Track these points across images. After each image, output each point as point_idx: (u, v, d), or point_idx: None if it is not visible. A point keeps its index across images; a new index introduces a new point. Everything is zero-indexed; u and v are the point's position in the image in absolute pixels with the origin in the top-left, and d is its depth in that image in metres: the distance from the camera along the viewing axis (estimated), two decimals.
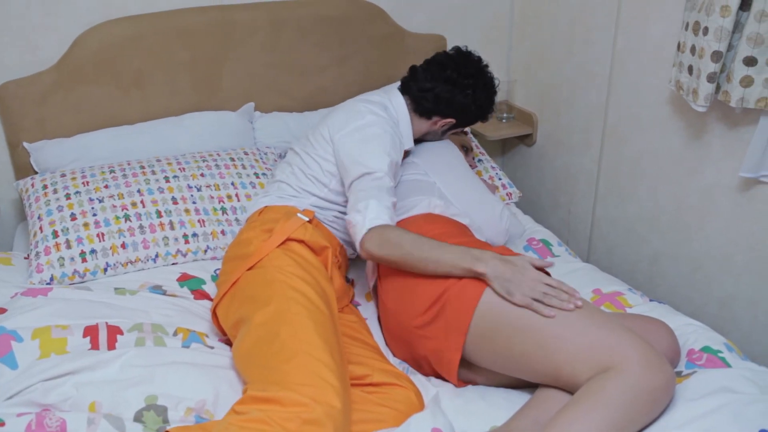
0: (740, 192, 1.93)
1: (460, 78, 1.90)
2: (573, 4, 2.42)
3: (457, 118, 1.95)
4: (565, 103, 2.56)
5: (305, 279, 1.55)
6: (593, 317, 1.41)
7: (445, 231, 1.69)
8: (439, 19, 2.61)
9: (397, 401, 1.46)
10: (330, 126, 1.82)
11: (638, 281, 2.35)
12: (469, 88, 1.91)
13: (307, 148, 1.85)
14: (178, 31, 2.18)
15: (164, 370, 1.44)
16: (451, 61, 1.93)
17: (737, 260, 1.99)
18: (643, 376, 1.29)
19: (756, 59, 1.67)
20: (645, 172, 2.25)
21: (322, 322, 1.46)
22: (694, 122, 2.01)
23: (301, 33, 2.33)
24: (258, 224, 1.72)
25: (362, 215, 1.59)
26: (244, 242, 1.70)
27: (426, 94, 1.90)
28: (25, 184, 2.00)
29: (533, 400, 1.44)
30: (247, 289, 1.56)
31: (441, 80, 1.89)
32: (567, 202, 2.65)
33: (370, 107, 1.82)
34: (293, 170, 1.84)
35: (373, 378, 1.50)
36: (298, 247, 1.65)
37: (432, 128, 1.97)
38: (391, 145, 1.75)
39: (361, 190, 1.65)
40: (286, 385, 1.30)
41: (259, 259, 1.60)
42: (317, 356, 1.36)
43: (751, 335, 2.00)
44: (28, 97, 2.07)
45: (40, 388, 1.34)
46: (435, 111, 1.92)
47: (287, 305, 1.47)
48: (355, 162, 1.71)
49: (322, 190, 1.80)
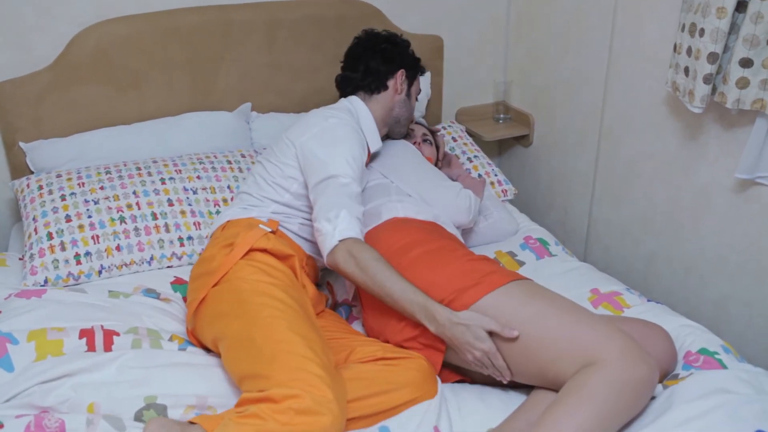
0: (736, 193, 1.94)
1: (375, 45, 1.97)
2: (569, 6, 2.42)
3: (404, 65, 1.97)
4: (561, 104, 2.56)
5: (272, 283, 1.55)
6: (573, 315, 1.42)
7: (414, 239, 1.68)
8: (436, 19, 2.61)
9: (411, 369, 1.47)
10: (292, 133, 1.82)
11: (634, 282, 2.35)
12: (384, 43, 1.98)
13: (270, 156, 1.84)
14: (174, 31, 2.18)
15: (162, 371, 1.44)
16: (357, 45, 2.02)
17: (732, 261, 2.00)
18: (625, 368, 1.30)
19: (752, 60, 1.67)
20: (641, 173, 2.25)
21: (295, 319, 1.46)
22: (690, 123, 2.02)
23: (297, 33, 2.33)
24: (221, 240, 1.69)
25: (332, 225, 1.59)
26: (207, 259, 1.66)
27: (365, 74, 1.94)
28: (21, 184, 1.99)
29: (527, 402, 1.46)
30: (216, 305, 1.54)
31: (363, 58, 1.96)
32: (563, 203, 2.65)
33: (332, 112, 1.84)
34: (255, 179, 1.83)
35: (384, 354, 1.51)
36: (261, 256, 1.62)
37: (396, 97, 1.97)
38: (358, 145, 1.76)
39: (329, 195, 1.65)
40: (277, 383, 1.31)
41: (224, 273, 1.58)
42: (298, 352, 1.36)
43: (746, 336, 2.00)
44: (24, 96, 2.07)
45: (38, 391, 1.34)
46: (383, 76, 1.94)
47: (257, 311, 1.46)
48: (321, 162, 1.70)
49: (283, 196, 1.78)
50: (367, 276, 1.53)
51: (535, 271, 1.94)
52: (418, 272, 1.57)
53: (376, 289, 1.53)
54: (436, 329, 1.47)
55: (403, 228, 1.74)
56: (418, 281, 1.53)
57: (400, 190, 1.90)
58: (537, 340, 1.40)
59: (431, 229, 1.76)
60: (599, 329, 1.38)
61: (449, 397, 1.51)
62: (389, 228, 1.75)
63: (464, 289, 1.49)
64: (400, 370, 1.47)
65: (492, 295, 1.47)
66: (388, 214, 1.80)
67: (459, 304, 1.48)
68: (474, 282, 1.50)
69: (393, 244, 1.67)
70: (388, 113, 1.97)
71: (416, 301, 1.48)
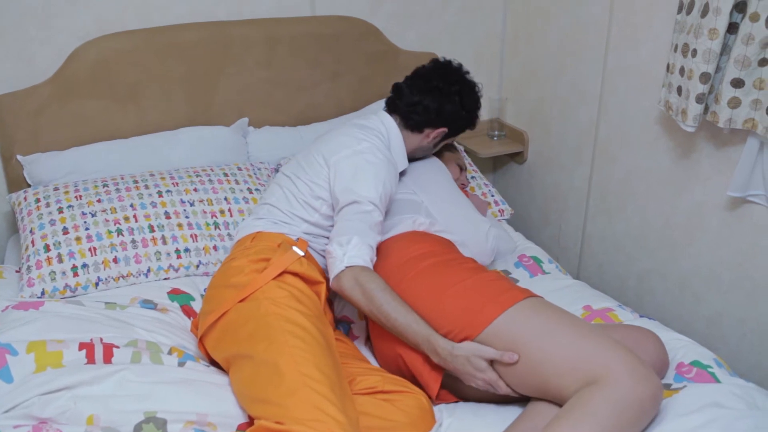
0: (728, 211, 1.96)
1: (446, 86, 1.91)
2: (564, 24, 2.46)
3: (448, 126, 1.95)
4: (555, 122, 2.58)
5: (300, 311, 1.53)
6: (580, 331, 1.43)
7: (431, 250, 1.71)
8: (432, 37, 2.64)
9: (410, 407, 1.47)
10: (325, 151, 1.81)
11: (627, 298, 2.36)
12: (455, 95, 1.92)
13: (299, 172, 1.83)
14: (173, 47, 2.19)
15: (162, 386, 1.43)
16: (433, 72, 1.94)
17: (725, 278, 2.02)
18: (631, 387, 1.30)
19: (743, 81, 1.70)
20: (634, 191, 2.27)
21: (321, 354, 1.44)
22: (683, 142, 2.04)
23: (295, 50, 2.35)
24: (252, 253, 1.68)
25: (343, 250, 1.60)
26: (235, 270, 1.64)
27: (415, 108, 1.90)
28: (18, 197, 1.99)
29: (524, 413, 1.46)
30: (241, 323, 1.52)
31: (427, 91, 1.90)
32: (557, 220, 2.67)
33: (366, 134, 1.82)
34: (284, 193, 1.82)
35: (384, 386, 1.51)
36: (292, 279, 1.61)
37: (424, 142, 1.96)
38: (386, 173, 1.75)
39: (347, 220, 1.66)
40: (293, 418, 1.30)
41: (252, 291, 1.56)
42: (319, 390, 1.35)
43: (739, 353, 2.01)
44: (22, 109, 2.08)
45: (37, 402, 1.33)
46: (426, 123, 1.92)
47: (284, 338, 1.45)
48: (346, 188, 1.70)
49: (312, 216, 1.77)
50: (373, 305, 1.55)
51: (528, 288, 1.95)
52: (426, 285, 1.59)
53: (382, 319, 1.55)
54: (439, 361, 1.51)
55: (423, 239, 1.76)
56: (427, 292, 1.56)
57: (430, 212, 1.88)
58: (543, 352, 1.41)
59: (450, 245, 1.78)
60: (607, 346, 1.38)
61: (445, 417, 1.52)
62: (407, 238, 1.77)
63: (478, 309, 1.50)
64: (398, 408, 1.47)
65: (506, 313, 1.48)
66: (409, 227, 1.81)
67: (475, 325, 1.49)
68: (487, 300, 1.51)
69: (408, 253, 1.69)
70: (411, 147, 1.97)
71: (420, 333, 1.51)
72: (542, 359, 1.41)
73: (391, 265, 1.70)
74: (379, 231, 1.69)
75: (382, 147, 1.81)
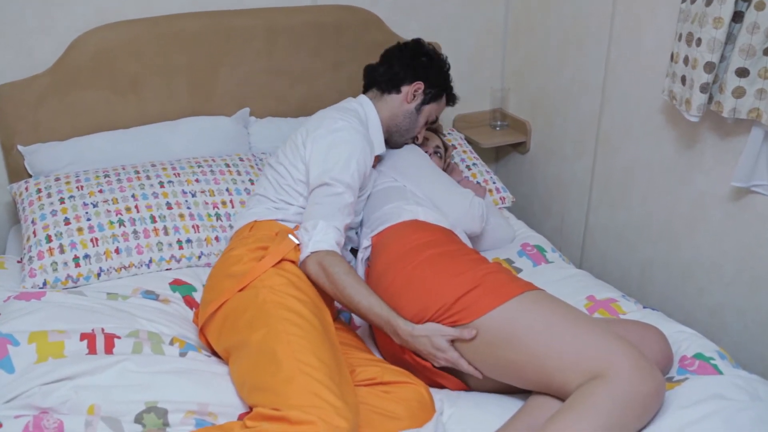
0: (731, 201, 1.95)
1: (414, 53, 1.99)
2: (567, 14, 2.44)
3: (423, 80, 1.97)
4: (558, 112, 2.57)
5: (299, 298, 1.54)
6: (583, 325, 1.42)
7: (433, 239, 1.70)
8: (434, 26, 2.62)
9: (410, 399, 1.48)
10: (302, 133, 1.83)
11: (630, 288, 2.36)
12: (423, 56, 1.99)
13: (280, 158, 1.85)
14: (174, 36, 2.18)
15: (163, 376, 1.44)
16: (400, 46, 2.03)
17: (728, 269, 2.01)
18: (634, 382, 1.30)
19: (748, 70, 1.69)
20: (637, 181, 2.26)
21: (319, 341, 1.45)
22: (687, 132, 2.03)
23: (296, 39, 2.34)
24: (250, 241, 1.69)
25: (309, 235, 1.63)
26: (234, 259, 1.66)
27: (390, 68, 1.97)
28: (19, 187, 1.99)
29: (526, 406, 1.45)
30: (240, 312, 1.53)
31: (396, 57, 1.98)
32: (560, 210, 2.67)
33: (341, 114, 1.84)
34: (270, 182, 1.83)
35: (383, 377, 1.52)
36: (290, 267, 1.63)
37: (404, 105, 1.96)
38: (361, 151, 1.76)
39: (315, 203, 1.68)
40: (291, 405, 1.30)
41: (252, 280, 1.58)
42: (316, 377, 1.35)
43: (741, 343, 2.01)
44: (23, 100, 2.07)
45: (38, 392, 1.34)
46: (400, 79, 1.95)
47: (282, 326, 1.45)
48: (318, 168, 1.72)
49: (298, 199, 1.78)
50: (337, 289, 1.58)
51: (531, 278, 1.94)
52: (429, 272, 1.58)
53: (345, 302, 1.59)
54: (400, 342, 1.54)
55: (424, 228, 1.76)
56: (429, 282, 1.56)
57: (415, 194, 1.91)
58: (547, 346, 1.40)
59: (451, 235, 1.78)
60: (611, 341, 1.37)
61: (446, 407, 1.52)
62: (409, 227, 1.77)
63: (475, 299, 1.50)
64: (397, 399, 1.47)
65: (505, 305, 1.47)
66: (409, 215, 1.81)
67: (469, 312, 1.48)
68: (487, 291, 1.51)
69: (410, 242, 1.69)
70: (392, 119, 1.97)
71: (382, 315, 1.54)
72: (544, 353, 1.40)
73: (392, 255, 1.69)
74: (350, 212, 1.71)
75: (359, 126, 1.82)
